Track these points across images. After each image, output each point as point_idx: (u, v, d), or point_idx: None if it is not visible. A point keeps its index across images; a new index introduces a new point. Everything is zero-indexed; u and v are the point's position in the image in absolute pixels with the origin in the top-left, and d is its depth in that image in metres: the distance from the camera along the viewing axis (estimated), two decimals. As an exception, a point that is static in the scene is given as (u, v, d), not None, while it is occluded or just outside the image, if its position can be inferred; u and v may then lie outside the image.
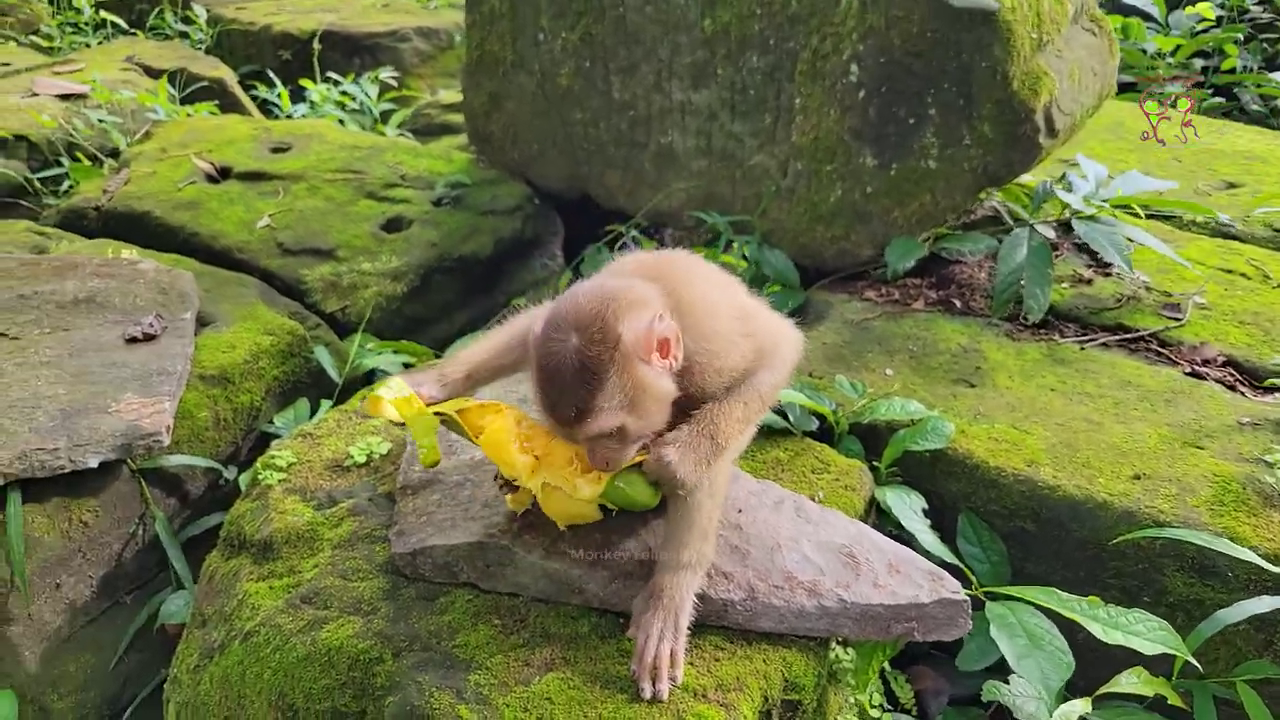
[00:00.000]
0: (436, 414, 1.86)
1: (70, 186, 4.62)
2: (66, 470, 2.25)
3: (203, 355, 2.80)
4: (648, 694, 1.66)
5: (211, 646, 2.03)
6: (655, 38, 3.43)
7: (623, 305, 1.55)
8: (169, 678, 2.15)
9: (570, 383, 1.51)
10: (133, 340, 2.68)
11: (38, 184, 4.53)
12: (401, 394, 1.84)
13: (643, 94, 3.57)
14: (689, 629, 1.74)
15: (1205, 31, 6.26)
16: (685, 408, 1.73)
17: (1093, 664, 2.00)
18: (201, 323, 3.00)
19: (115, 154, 4.91)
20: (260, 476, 2.29)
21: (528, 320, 1.91)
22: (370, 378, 3.14)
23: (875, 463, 2.48)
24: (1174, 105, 4.06)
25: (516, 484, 1.84)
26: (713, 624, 1.84)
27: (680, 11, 3.33)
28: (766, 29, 3.18)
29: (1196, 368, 2.84)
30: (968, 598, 1.82)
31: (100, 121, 4.94)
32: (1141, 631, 1.89)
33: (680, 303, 1.67)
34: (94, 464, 2.27)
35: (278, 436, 2.84)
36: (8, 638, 2.24)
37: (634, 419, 1.58)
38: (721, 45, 3.30)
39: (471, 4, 4.05)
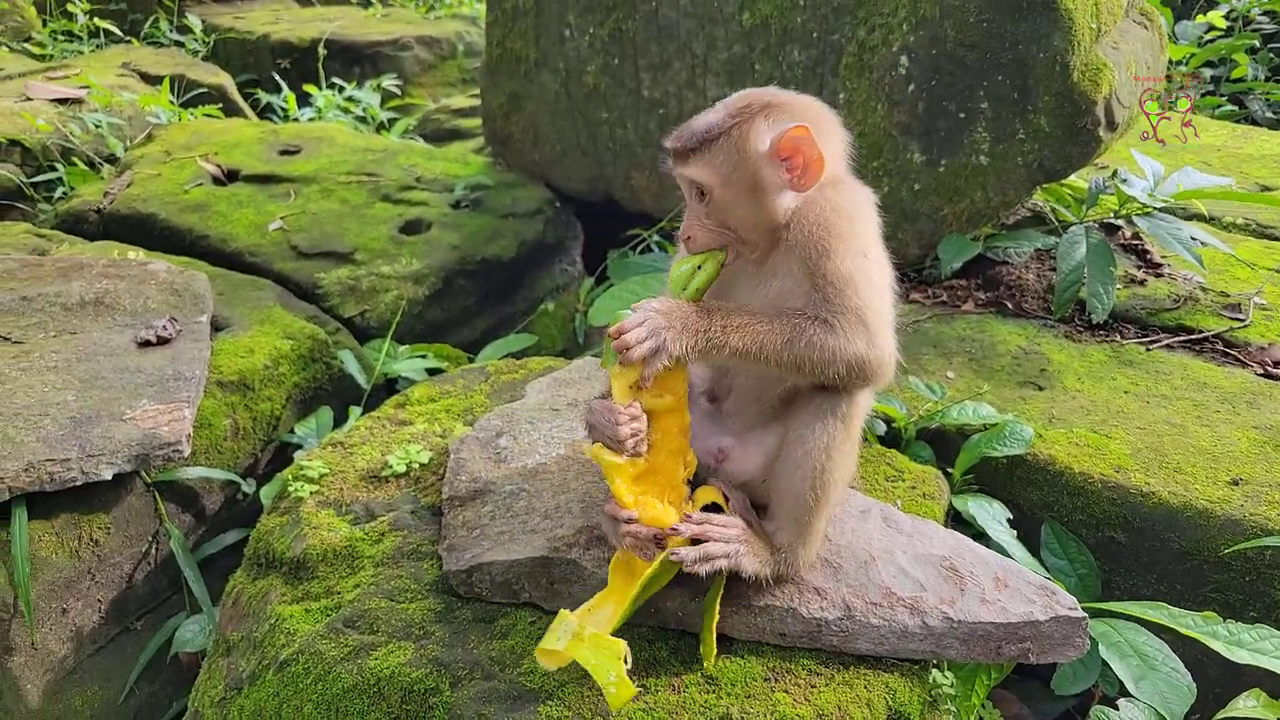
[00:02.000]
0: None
1: (64, 192, 4.43)
2: (78, 483, 2.06)
3: (220, 360, 2.61)
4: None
5: (240, 676, 1.83)
6: (690, 32, 3.30)
7: (783, 108, 1.58)
8: (188, 712, 1.95)
9: (694, 127, 1.59)
10: (145, 344, 2.49)
11: (30, 189, 4.34)
12: (569, 632, 1.50)
13: (674, 91, 3.43)
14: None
15: (1212, 41, 6.21)
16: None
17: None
18: (215, 327, 2.81)
19: (112, 159, 4.72)
20: (290, 488, 2.11)
21: None
22: (394, 385, 2.95)
23: (946, 469, 2.32)
24: (1173, 105, 3.98)
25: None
26: (804, 646, 1.67)
27: (718, 4, 3.20)
28: (810, 21, 3.05)
29: (1269, 369, 2.71)
30: (1086, 615, 1.65)
31: (97, 126, 4.76)
32: (1270, 650, 1.74)
33: (834, 170, 1.62)
34: (108, 476, 2.08)
35: (298, 447, 2.66)
36: (9, 670, 2.04)
37: (722, 192, 1.57)
38: (761, 39, 3.16)
39: (493, 1, 3.90)
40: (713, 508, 1.68)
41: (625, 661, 1.44)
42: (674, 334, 1.47)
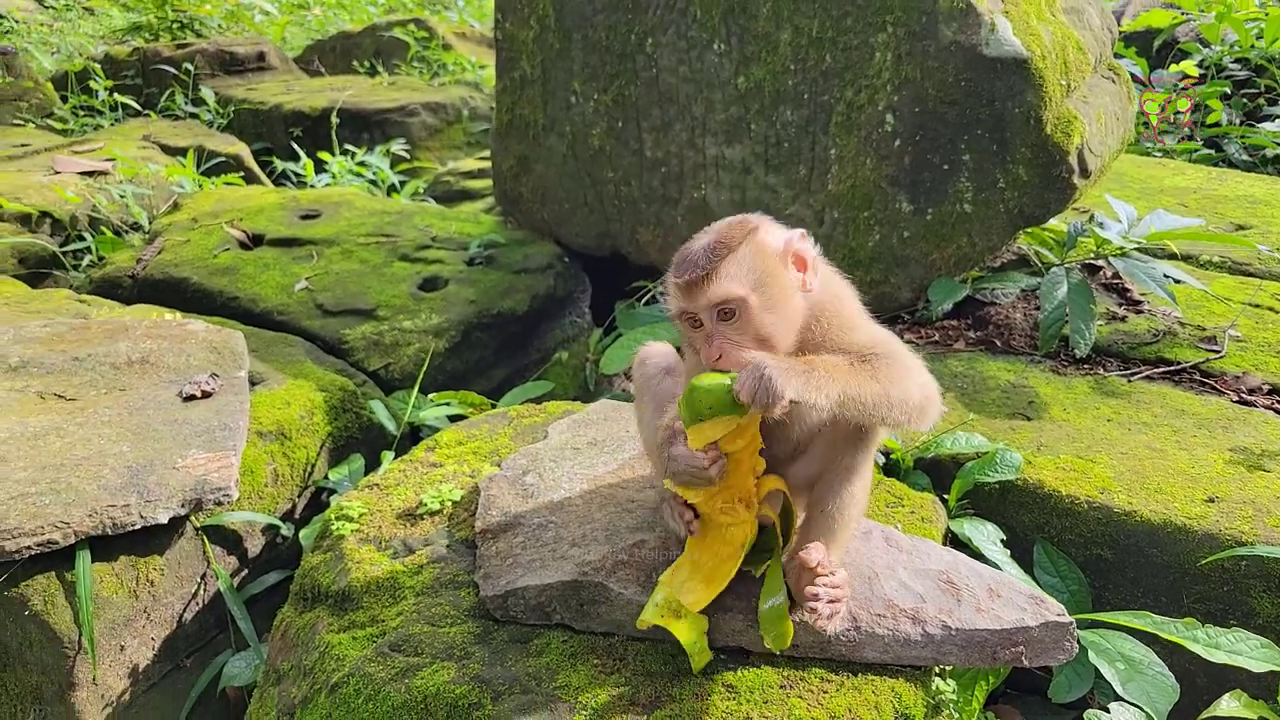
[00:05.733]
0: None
1: (93, 260, 4.65)
2: (138, 526, 2.21)
3: (258, 412, 2.78)
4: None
5: (291, 703, 1.97)
6: (689, 96, 3.54)
7: (768, 221, 1.71)
8: (242, 740, 2.09)
9: (702, 251, 1.61)
10: (190, 398, 2.67)
11: (62, 258, 4.56)
12: (670, 609, 1.76)
13: (675, 151, 3.66)
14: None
15: (1187, 89, 6.50)
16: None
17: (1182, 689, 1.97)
18: (250, 382, 2.98)
19: (136, 227, 4.95)
20: (332, 527, 2.26)
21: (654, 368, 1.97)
22: (418, 433, 3.12)
23: (943, 496, 2.48)
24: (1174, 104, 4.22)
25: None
26: (815, 656, 1.81)
27: (714, 70, 3.44)
28: (800, 84, 3.29)
29: (1244, 396, 2.88)
30: (1073, 620, 1.80)
31: (122, 196, 5.00)
32: (1244, 650, 1.88)
33: (826, 270, 1.76)
34: (164, 519, 2.24)
35: (333, 492, 2.82)
36: (72, 704, 2.17)
37: (759, 298, 1.60)
38: (755, 101, 3.40)
39: (502, 71, 4.16)
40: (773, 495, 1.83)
41: (706, 635, 1.76)
42: (784, 378, 1.51)
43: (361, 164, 6.18)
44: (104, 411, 2.58)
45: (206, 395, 2.69)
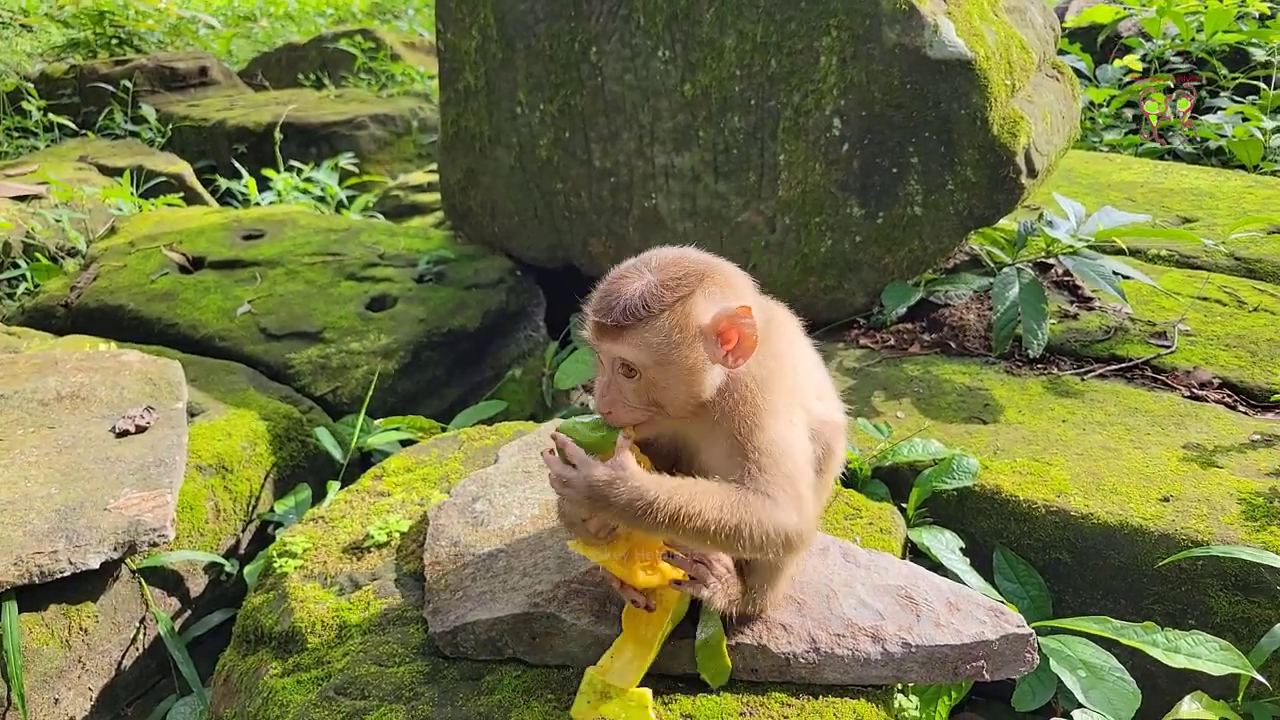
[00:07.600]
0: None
1: (28, 288, 4.49)
2: (67, 573, 2.11)
3: (197, 445, 2.68)
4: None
5: (235, 752, 1.89)
6: (636, 104, 3.49)
7: (717, 280, 1.53)
8: (186, 792, 2.00)
9: (625, 300, 1.48)
10: (124, 434, 2.56)
11: (-7, 286, 4.41)
12: (597, 693, 1.66)
13: (624, 160, 3.61)
14: None
15: (1131, 84, 6.59)
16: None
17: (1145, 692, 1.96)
18: (191, 413, 2.88)
19: (74, 253, 4.79)
20: (275, 565, 2.18)
21: None
22: (369, 459, 3.03)
23: (902, 505, 2.45)
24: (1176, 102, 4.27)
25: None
26: (775, 680, 1.77)
27: (660, 77, 3.40)
28: (747, 90, 3.26)
29: (1195, 391, 2.89)
30: (1032, 631, 1.78)
31: (58, 221, 4.84)
32: (1204, 654, 1.87)
33: (769, 338, 1.58)
34: (96, 564, 2.14)
35: (279, 525, 2.72)
36: (3, 763, 2.06)
37: (658, 371, 1.50)
38: (702, 108, 3.36)
39: (446, 82, 4.08)
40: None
41: (651, 709, 1.63)
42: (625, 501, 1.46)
43: (308, 180, 6.05)
44: (31, 452, 2.47)
45: (141, 430, 2.59)
